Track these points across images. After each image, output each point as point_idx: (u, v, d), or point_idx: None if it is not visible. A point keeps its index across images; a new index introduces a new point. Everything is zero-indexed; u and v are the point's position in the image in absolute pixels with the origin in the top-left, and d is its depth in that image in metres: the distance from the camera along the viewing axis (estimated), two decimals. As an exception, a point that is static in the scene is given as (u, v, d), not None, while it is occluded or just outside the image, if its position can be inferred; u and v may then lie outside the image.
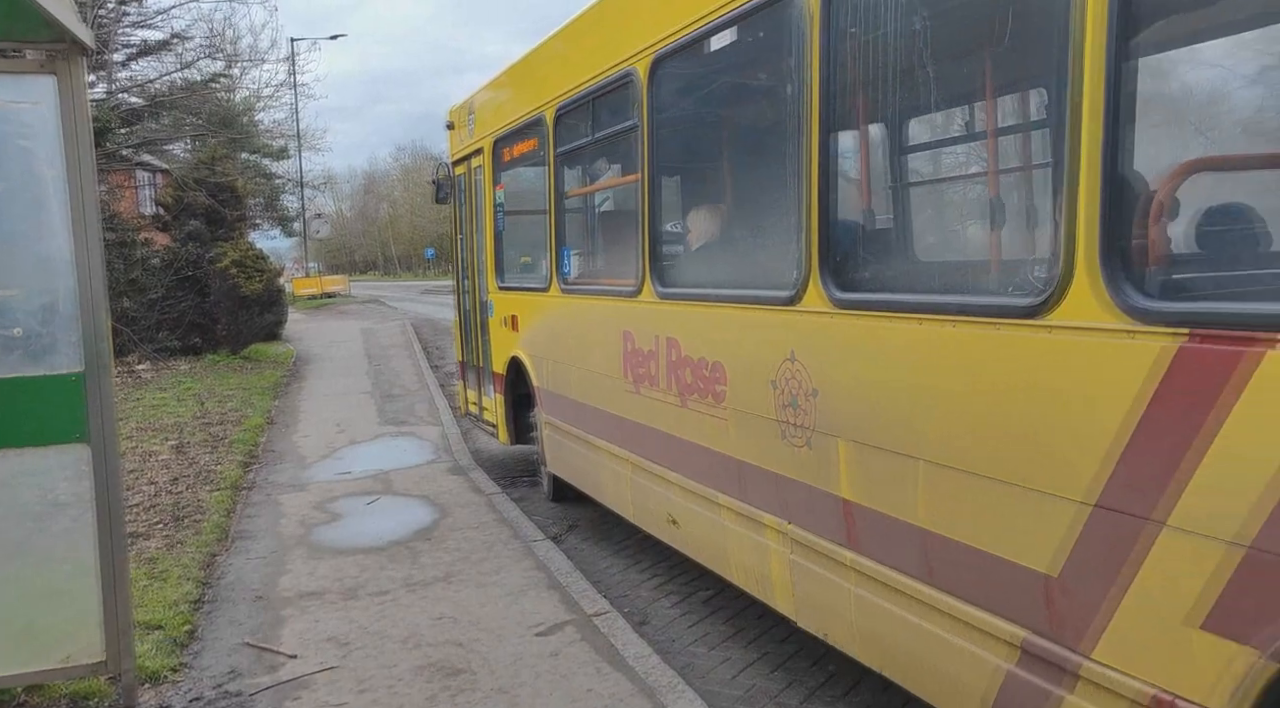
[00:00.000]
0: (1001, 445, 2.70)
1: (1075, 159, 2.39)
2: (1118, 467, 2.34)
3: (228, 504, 7.13)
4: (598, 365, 5.66)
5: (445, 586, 5.27)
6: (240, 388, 12.96)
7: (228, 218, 17.83)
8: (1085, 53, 2.37)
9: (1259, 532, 2.00)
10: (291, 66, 27.51)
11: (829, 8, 3.32)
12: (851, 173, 3.61)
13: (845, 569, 3.46)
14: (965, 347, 2.81)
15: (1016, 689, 2.71)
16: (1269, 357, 1.97)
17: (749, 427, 4.01)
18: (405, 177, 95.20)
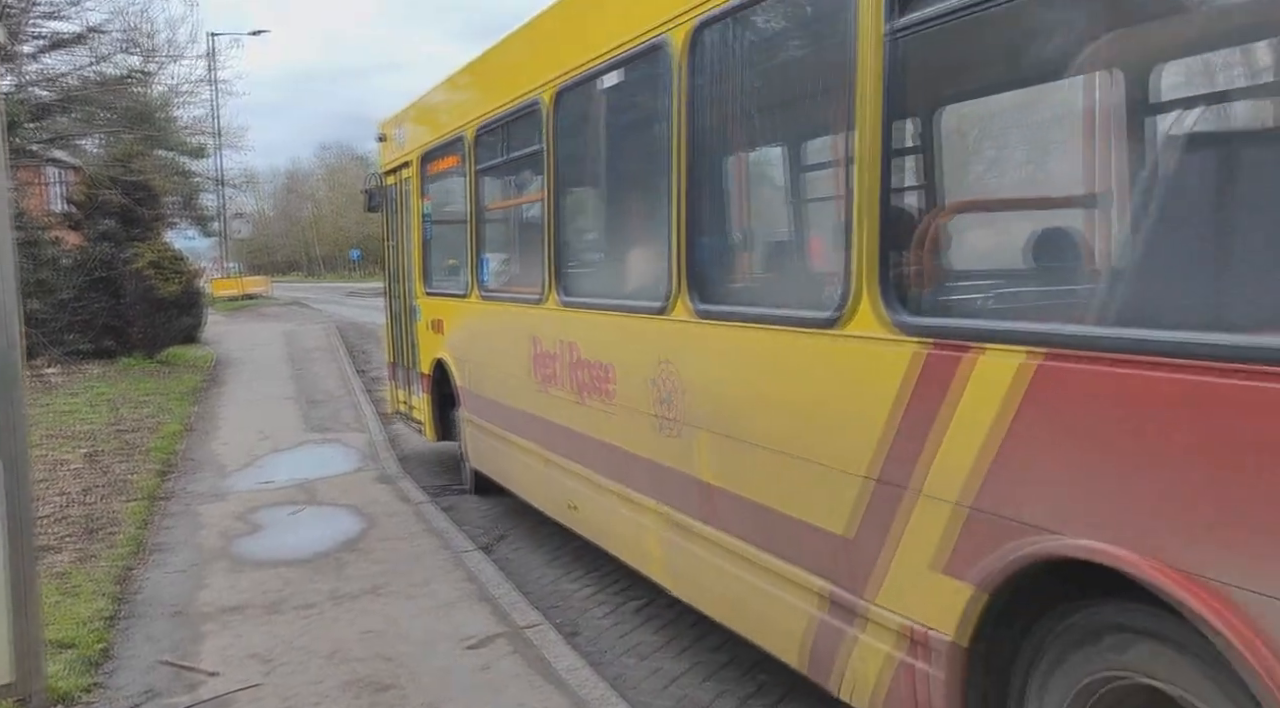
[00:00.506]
0: (812, 432, 3.31)
1: (858, 202, 2.97)
2: (890, 448, 2.92)
3: (143, 515, 6.90)
4: (511, 367, 6.14)
5: (373, 598, 5.17)
6: (157, 393, 12.57)
7: (143, 217, 17.28)
8: (864, 114, 2.93)
9: (974, 496, 2.62)
10: (211, 62, 26.79)
11: (692, 57, 3.86)
12: (709, 201, 4.13)
13: (705, 542, 4.03)
14: (785, 351, 3.44)
15: (825, 632, 3.30)
16: (979, 361, 2.60)
17: (633, 421, 4.53)
18: (330, 176, 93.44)
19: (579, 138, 5.51)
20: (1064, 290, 3.16)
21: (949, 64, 3.46)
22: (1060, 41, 3.03)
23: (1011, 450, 2.52)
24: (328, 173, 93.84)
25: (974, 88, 3.70)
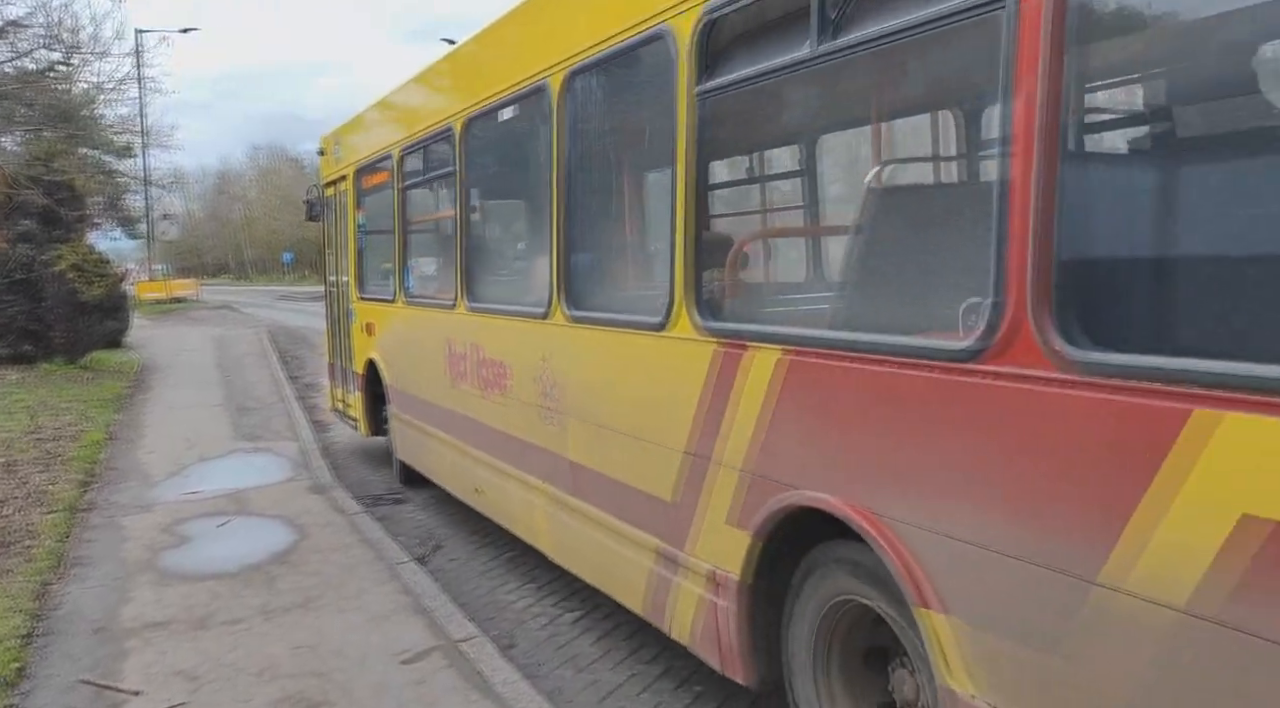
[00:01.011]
0: (647, 416, 4.03)
1: (678, 231, 3.68)
2: (699, 426, 3.64)
3: (63, 528, 6.67)
4: (430, 366, 6.82)
5: (304, 612, 5.07)
6: (78, 400, 12.17)
7: (65, 218, 16.73)
8: (681, 159, 3.64)
9: (752, 462, 3.36)
10: (137, 59, 26.03)
11: (565, 100, 4.59)
12: (579, 223, 4.77)
13: (574, 513, 4.75)
14: (630, 349, 4.15)
15: (658, 582, 4.03)
16: (753, 357, 3.33)
17: (524, 411, 5.24)
18: (262, 177, 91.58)
19: (484, 162, 6.25)
20: (806, 304, 4.07)
21: (741, 120, 4.11)
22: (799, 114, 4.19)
23: (772, 425, 3.28)
24: (260, 174, 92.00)
25: (761, 140, 4.39)
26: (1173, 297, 2.28)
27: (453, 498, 7.70)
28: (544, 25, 4.99)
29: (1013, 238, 2.32)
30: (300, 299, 47.69)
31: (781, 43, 3.19)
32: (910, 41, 2.69)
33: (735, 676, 3.59)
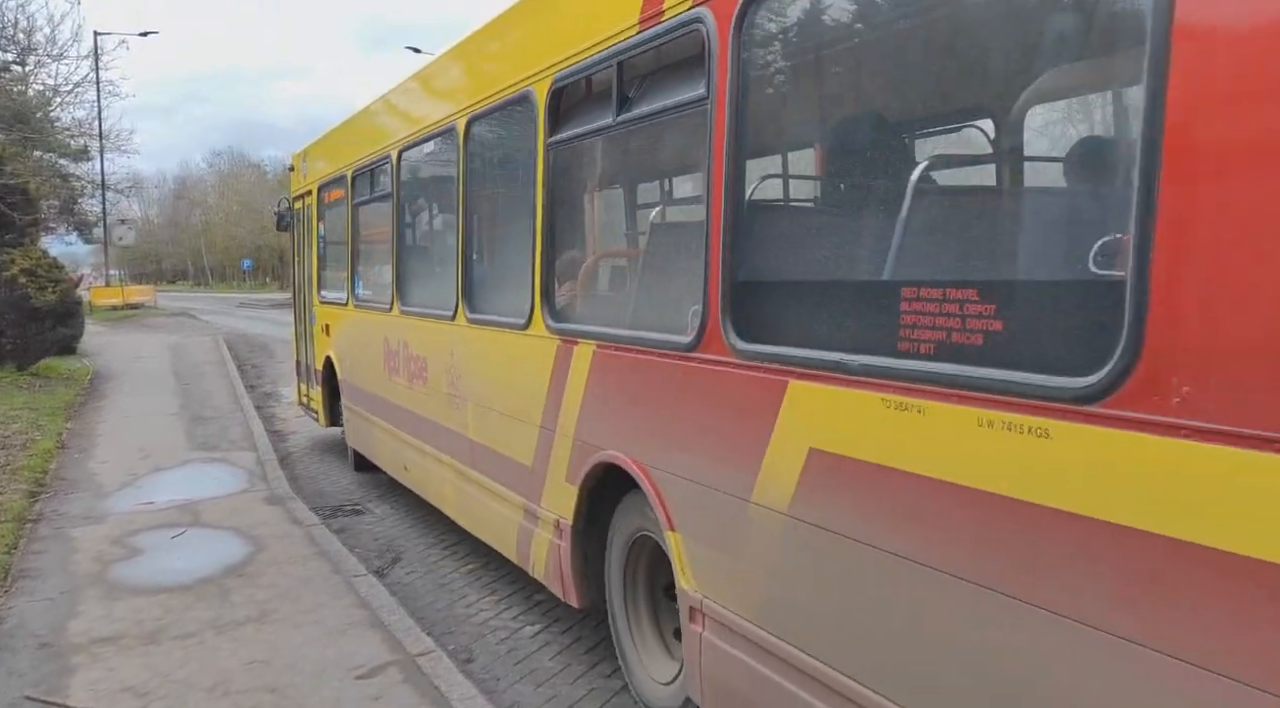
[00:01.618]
0: (516, 398, 5.03)
1: (535, 251, 4.70)
2: (547, 404, 4.60)
3: (10, 539, 6.50)
4: (372, 361, 7.80)
5: (259, 626, 4.98)
6: (27, 408, 11.89)
7: (18, 222, 16.41)
8: (538, 193, 4.67)
9: (577, 430, 4.34)
10: (95, 62, 25.58)
11: (467, 140, 5.66)
12: (475, 242, 5.85)
13: (471, 482, 5.79)
14: (504, 344, 5.18)
15: (524, 532, 5.03)
16: (580, 350, 4.30)
17: (437, 399, 6.25)
18: (222, 183, 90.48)
19: (413, 187, 7.24)
20: (610, 310, 4.85)
21: (576, 166, 5.03)
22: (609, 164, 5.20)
23: (586, 401, 4.28)
24: (220, 180, 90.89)
25: (589, 182, 5.30)
26: (783, 309, 3.26)
27: (412, 510, 7.65)
28: (453, 79, 6.13)
29: (711, 268, 3.31)
30: (260, 306, 47.09)
31: (598, 111, 4.24)
32: (663, 121, 3.80)
33: (571, 601, 4.58)
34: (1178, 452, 1.86)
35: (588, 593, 4.54)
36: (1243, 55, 1.80)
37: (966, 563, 2.36)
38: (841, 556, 2.79)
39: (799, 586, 3.02)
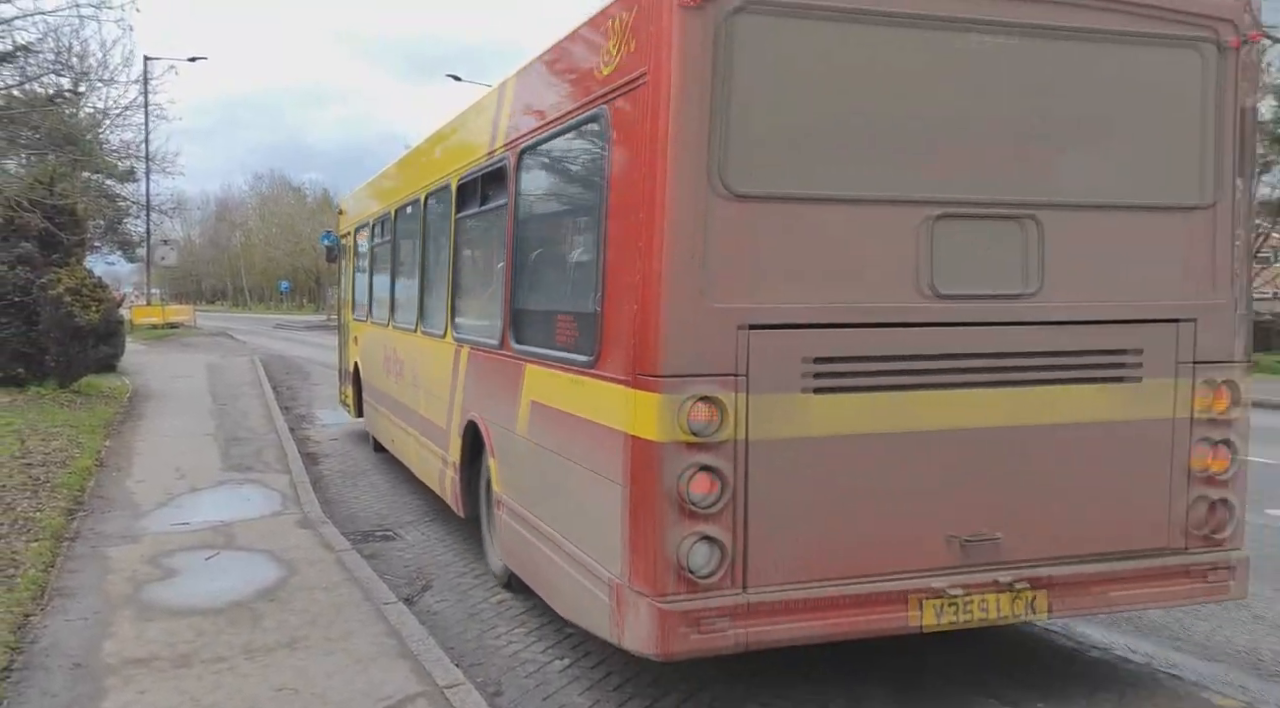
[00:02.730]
0: (439, 383, 7.34)
1: (448, 286, 7.29)
2: (452, 385, 6.95)
3: (47, 557, 6.57)
4: (379, 364, 10.37)
5: (289, 652, 4.99)
6: (68, 425, 12.06)
7: (65, 242, 16.70)
8: (450, 245, 7.32)
9: (463, 401, 6.76)
10: (144, 87, 26.10)
11: (424, 208, 8.27)
12: (426, 279, 8.34)
13: (420, 443, 8.27)
14: (434, 348, 7.63)
15: (441, 472, 7.40)
16: (462, 350, 6.81)
17: (409, 390, 8.70)
18: (262, 206, 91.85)
19: (407, 237, 9.21)
20: (471, 326, 6.89)
21: (469, 232, 7.21)
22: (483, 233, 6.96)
23: (465, 382, 6.64)
24: (260, 202, 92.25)
25: (474, 242, 7.29)
26: (525, 327, 5.65)
27: (443, 537, 7.66)
28: (415, 170, 8.87)
29: (505, 302, 5.81)
30: (296, 328, 47.66)
31: (476, 198, 6.69)
32: (496, 210, 6.18)
33: (460, 512, 6.96)
34: (604, 388, 4.31)
35: (469, 507, 6.82)
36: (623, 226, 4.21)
37: (568, 447, 4.85)
38: (541, 456, 5.23)
39: (527, 475, 5.52)
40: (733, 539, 3.96)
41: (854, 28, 4.09)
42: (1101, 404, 4.48)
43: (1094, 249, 4.48)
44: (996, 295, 4.32)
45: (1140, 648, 5.39)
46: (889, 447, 4.19)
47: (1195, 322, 4.59)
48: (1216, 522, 4.61)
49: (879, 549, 4.18)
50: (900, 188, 4.19)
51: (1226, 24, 4.50)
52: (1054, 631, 5.59)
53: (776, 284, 4.05)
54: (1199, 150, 4.55)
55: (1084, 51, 4.39)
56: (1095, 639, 5.52)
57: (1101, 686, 4.86)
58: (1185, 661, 5.22)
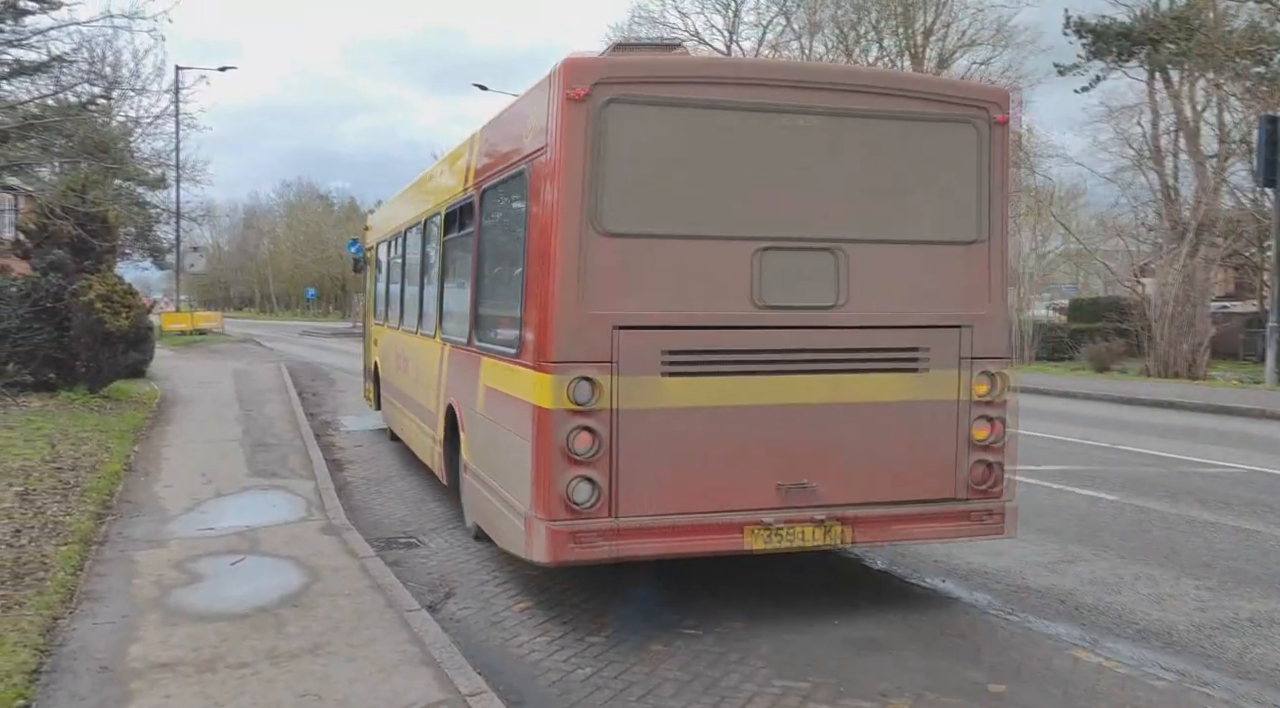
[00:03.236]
0: (429, 375, 8.97)
1: (438, 297, 8.92)
2: (439, 376, 8.50)
3: (76, 561, 6.64)
4: (391, 361, 11.88)
5: (313, 658, 5.01)
6: (97, 430, 12.20)
7: (97, 249, 16.95)
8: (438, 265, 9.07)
9: (445, 390, 8.30)
10: (175, 96, 26.45)
11: (420, 234, 9.88)
12: (422, 293, 9.75)
13: (420, 426, 9.65)
14: (428, 347, 9.12)
15: (430, 448, 8.94)
16: (445, 347, 8.35)
17: (412, 382, 10.09)
18: (290, 213, 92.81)
19: (413, 253, 10.60)
20: (451, 327, 8.17)
21: (454, 253, 8.47)
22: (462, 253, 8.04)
23: (447, 372, 8.17)
24: (287, 210, 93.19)
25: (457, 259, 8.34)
26: (484, 327, 7.08)
27: (466, 545, 7.67)
28: (420, 198, 10.18)
29: (471, 307, 7.33)
30: (322, 335, 47.97)
31: (457, 225, 8.11)
32: (468, 236, 7.55)
33: (443, 480, 8.42)
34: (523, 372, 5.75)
35: (450, 476, 8.19)
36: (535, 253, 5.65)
37: (504, 418, 6.20)
38: (490, 427, 6.60)
39: (484, 444, 6.89)
40: (606, 481, 5.39)
41: (696, 112, 5.56)
42: (897, 388, 5.86)
43: (889, 272, 5.85)
44: (809, 306, 5.72)
45: (1173, 665, 5.35)
46: (725, 416, 5.59)
47: (972, 328, 5.97)
48: (991, 480, 6.03)
49: (720, 491, 5.57)
50: (735, 229, 5.63)
51: (995, 105, 5.99)
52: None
53: (640, 297, 5.46)
54: (974, 198, 5.95)
55: (885, 124, 5.85)
56: (1125, 656, 5.48)
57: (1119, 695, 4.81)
58: (1218, 678, 5.17)
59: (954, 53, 41.36)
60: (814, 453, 5.72)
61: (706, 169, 5.59)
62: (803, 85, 5.76)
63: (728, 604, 6.12)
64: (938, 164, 5.99)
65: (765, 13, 47.73)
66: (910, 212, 5.94)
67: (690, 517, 5.48)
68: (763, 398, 5.64)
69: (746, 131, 5.63)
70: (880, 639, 5.64)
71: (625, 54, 6.14)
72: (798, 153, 5.74)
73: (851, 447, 5.80)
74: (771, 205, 5.71)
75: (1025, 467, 11.02)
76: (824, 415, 5.74)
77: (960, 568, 7.17)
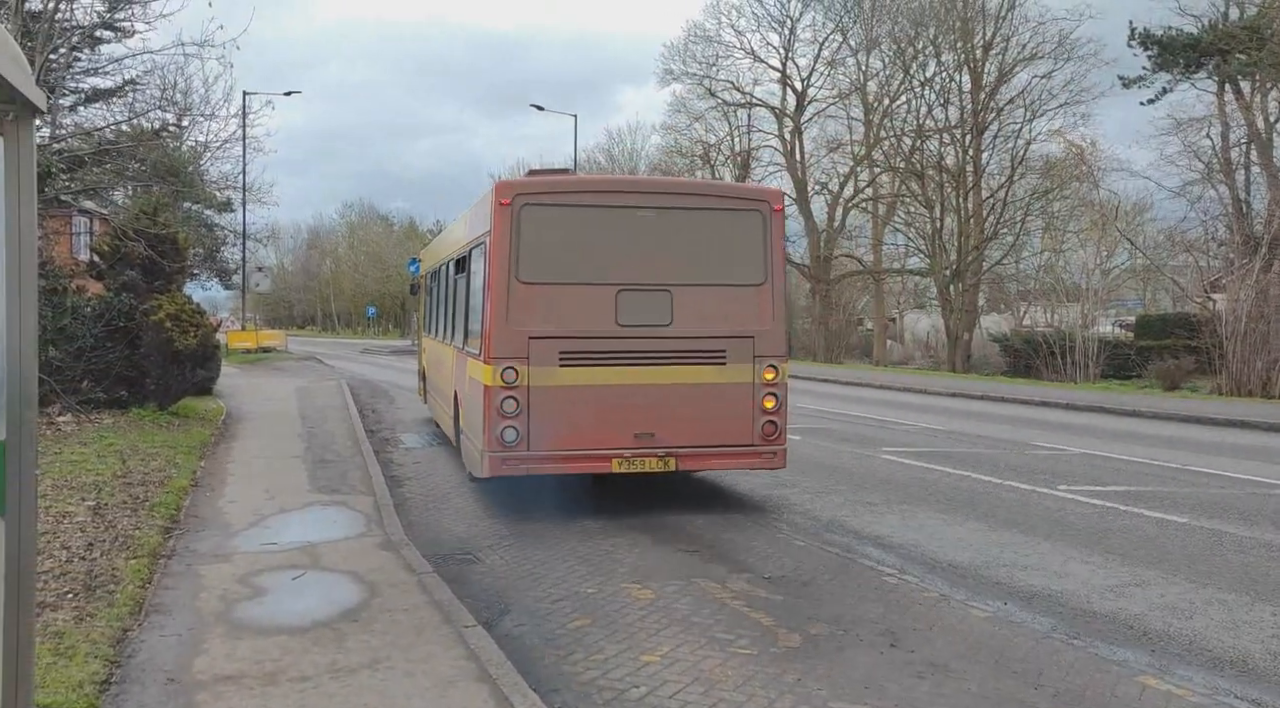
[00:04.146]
0: (448, 369, 12.41)
1: (454, 316, 12.15)
2: (453, 372, 11.79)
3: (145, 574, 6.82)
4: (433, 363, 14.73)
5: (371, 673, 5.07)
6: (166, 446, 12.54)
7: (167, 270, 17.44)
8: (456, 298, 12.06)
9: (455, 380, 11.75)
10: (243, 121, 27.20)
11: (458, 265, 11.88)
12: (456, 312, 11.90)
13: (448, 407, 12.13)
14: (446, 352, 12.75)
15: (450, 423, 11.99)
16: (456, 352, 11.59)
17: (442, 377, 13.05)
18: (351, 234, 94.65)
19: (443, 286, 13.52)
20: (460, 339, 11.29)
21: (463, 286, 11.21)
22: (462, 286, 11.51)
23: (456, 369, 11.40)
24: (349, 230, 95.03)
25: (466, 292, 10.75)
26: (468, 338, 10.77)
27: (522, 562, 7.71)
28: (447, 247, 13.05)
29: (464, 324, 11.02)
30: (382, 353, 48.67)
31: (461, 269, 11.42)
32: (465, 275, 11.17)
33: (454, 444, 11.51)
34: (481, 365, 9.21)
35: (456, 440, 10.97)
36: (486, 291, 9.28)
37: (473, 395, 9.55)
38: (469, 402, 9.93)
39: (467, 413, 10.06)
40: (525, 429, 8.80)
41: (575, 209, 9.10)
42: (710, 375, 9.21)
43: (703, 304, 9.20)
44: (650, 324, 9.09)
45: (1248, 694, 5.17)
46: (598, 391, 8.96)
47: (758, 337, 9.31)
48: (776, 433, 9.39)
49: (595, 436, 8.91)
50: (602, 278, 9.03)
51: (775, 200, 9.70)
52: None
53: (543, 319, 8.89)
54: (760, 257, 9.33)
55: (700, 214, 9.37)
56: (1197, 684, 5.31)
57: None
58: None
59: (1014, 67, 40.85)
60: (655, 415, 9.06)
61: (583, 242, 9.10)
62: (643, 191, 9.78)
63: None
64: (736, 236, 9.42)
65: (821, 30, 47.76)
66: (717, 265, 9.33)
67: (576, 451, 8.91)
68: (623, 380, 9.04)
69: (609, 219, 9.17)
70: (940, 662, 5.54)
71: (534, 177, 9.77)
72: (642, 232, 9.20)
73: (680, 411, 9.11)
74: (626, 264, 9.14)
75: (1089, 487, 10.83)
76: (662, 391, 9.10)
77: (1022, 590, 7.02)
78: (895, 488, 10.93)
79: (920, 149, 43.07)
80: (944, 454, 13.35)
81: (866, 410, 18.94)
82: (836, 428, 16.06)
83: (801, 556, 7.97)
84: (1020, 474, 11.74)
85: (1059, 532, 8.81)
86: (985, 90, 41.27)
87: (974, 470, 11.94)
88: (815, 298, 48.18)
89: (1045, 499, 10.27)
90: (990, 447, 14.13)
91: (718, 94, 49.67)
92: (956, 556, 8.00)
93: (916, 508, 9.88)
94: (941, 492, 10.69)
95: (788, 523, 9.18)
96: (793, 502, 10.16)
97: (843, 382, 26.39)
